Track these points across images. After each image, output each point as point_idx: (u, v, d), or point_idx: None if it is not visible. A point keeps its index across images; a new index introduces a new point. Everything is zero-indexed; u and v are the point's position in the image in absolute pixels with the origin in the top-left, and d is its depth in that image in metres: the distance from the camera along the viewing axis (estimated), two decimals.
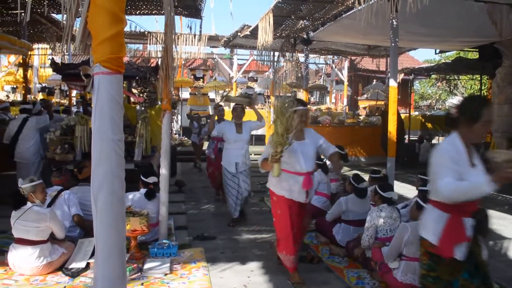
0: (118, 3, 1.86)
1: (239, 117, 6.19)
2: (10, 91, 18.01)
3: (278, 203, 4.09)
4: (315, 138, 4.15)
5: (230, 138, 6.04)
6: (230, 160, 6.01)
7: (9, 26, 11.20)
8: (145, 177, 5.21)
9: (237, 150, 6.00)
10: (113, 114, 1.88)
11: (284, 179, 3.95)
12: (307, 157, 4.00)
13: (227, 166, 6.05)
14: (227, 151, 6.11)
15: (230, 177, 6.02)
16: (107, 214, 1.89)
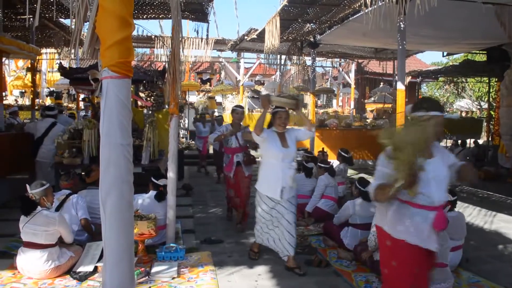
0: (127, 7, 1.86)
1: (284, 125, 4.64)
2: (19, 96, 18.15)
3: (395, 251, 2.84)
4: (445, 155, 2.98)
5: (273, 153, 4.49)
6: (272, 183, 4.47)
7: (18, 31, 11.31)
8: (156, 179, 5.23)
9: (283, 169, 4.47)
10: (121, 118, 1.88)
11: (406, 216, 2.78)
12: (439, 183, 2.81)
13: (266, 192, 4.51)
14: (267, 171, 4.57)
15: (272, 205, 4.51)
16: (116, 218, 1.88)
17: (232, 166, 5.97)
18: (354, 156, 8.18)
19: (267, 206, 4.52)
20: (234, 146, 6.00)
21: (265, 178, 4.57)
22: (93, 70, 1.80)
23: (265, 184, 4.56)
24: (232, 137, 5.98)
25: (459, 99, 25.35)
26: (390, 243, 2.85)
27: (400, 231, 2.77)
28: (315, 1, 7.82)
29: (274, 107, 4.63)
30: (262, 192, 4.57)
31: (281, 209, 4.49)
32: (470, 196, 8.71)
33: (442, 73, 15.32)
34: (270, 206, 4.51)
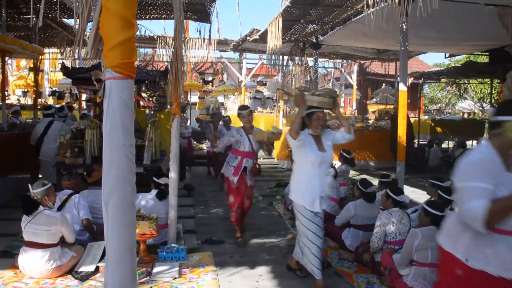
0: (130, 8, 1.86)
1: (321, 127, 4.18)
2: (21, 95, 18.19)
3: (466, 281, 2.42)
4: None
5: (310, 159, 4.02)
6: (309, 193, 4.01)
7: (21, 30, 11.33)
8: (157, 178, 5.27)
9: (321, 177, 4.04)
10: (124, 119, 1.88)
11: (488, 243, 2.33)
12: None
13: (304, 203, 4.04)
14: (302, 179, 4.10)
15: (311, 217, 4.06)
16: (118, 218, 1.89)
17: (239, 171, 5.41)
18: (356, 157, 8.17)
19: (308, 216, 4.04)
20: (246, 149, 5.46)
21: (301, 187, 4.08)
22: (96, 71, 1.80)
23: (300, 193, 4.07)
24: (245, 139, 5.44)
25: (461, 101, 25.29)
26: (462, 273, 2.42)
27: (477, 259, 2.35)
28: (318, 2, 7.82)
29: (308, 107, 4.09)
30: (298, 203, 4.09)
31: (320, 221, 4.07)
32: None
33: (444, 75, 15.31)
34: (310, 217, 4.03)
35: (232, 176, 5.43)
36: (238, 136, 5.45)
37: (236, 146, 5.51)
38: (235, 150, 5.53)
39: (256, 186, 8.80)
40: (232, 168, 5.45)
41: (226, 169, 5.52)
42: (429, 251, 3.70)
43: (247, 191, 5.55)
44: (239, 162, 5.43)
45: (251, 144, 5.47)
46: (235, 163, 5.44)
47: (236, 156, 5.50)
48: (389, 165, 10.88)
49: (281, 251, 5.13)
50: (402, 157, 6.06)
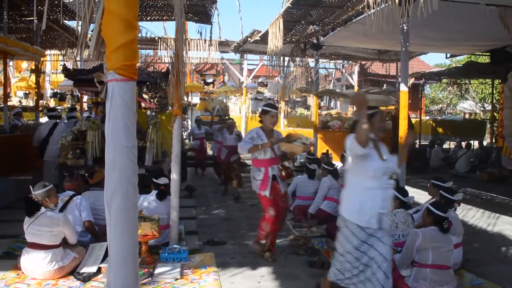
0: (132, 10, 1.87)
1: (382, 130, 3.63)
2: (23, 97, 18.23)
3: None
4: None
5: (373, 169, 3.42)
6: (367, 209, 3.39)
7: (22, 32, 11.37)
8: (156, 178, 5.28)
9: (382, 189, 3.45)
10: (126, 121, 1.89)
11: None
12: None
13: (358, 220, 3.41)
14: (359, 193, 3.47)
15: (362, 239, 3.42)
16: (121, 220, 1.90)
17: (267, 182, 4.75)
18: None
19: (357, 239, 3.41)
20: (268, 156, 4.77)
21: (356, 201, 3.43)
22: (99, 73, 1.81)
23: (355, 209, 3.43)
24: None
25: (462, 101, 25.28)
26: None
27: None
28: (318, 3, 7.82)
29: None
30: (351, 220, 3.44)
31: (375, 242, 3.42)
32: (474, 198, 8.69)
33: (445, 75, 15.30)
34: (361, 239, 3.40)
35: (261, 190, 4.79)
36: (259, 140, 4.73)
37: (255, 154, 4.80)
38: (256, 161, 4.84)
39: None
40: (259, 182, 4.79)
41: (254, 185, 4.88)
42: (430, 252, 3.70)
43: (281, 201, 4.92)
44: (265, 174, 4.76)
45: (273, 148, 4.79)
46: (261, 176, 4.78)
47: (259, 168, 4.81)
48: None
49: (282, 252, 5.12)
50: (404, 158, 6.04)
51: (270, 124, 4.83)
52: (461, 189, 9.08)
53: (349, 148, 3.36)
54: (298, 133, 5.02)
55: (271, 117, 4.82)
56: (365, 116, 3.24)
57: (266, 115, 4.84)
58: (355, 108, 3.53)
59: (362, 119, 3.22)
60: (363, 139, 3.20)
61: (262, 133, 4.80)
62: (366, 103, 3.34)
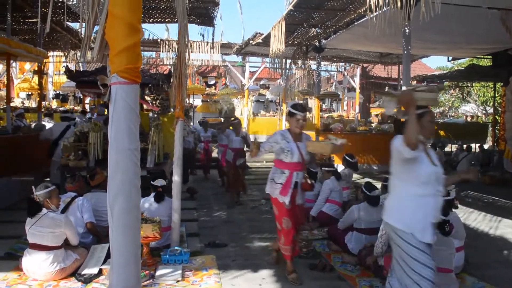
0: (135, 14, 1.89)
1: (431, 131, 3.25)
2: (25, 98, 18.29)
3: None
4: None
5: (425, 174, 3.09)
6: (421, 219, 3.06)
7: (25, 34, 11.41)
8: (153, 180, 5.28)
9: (435, 197, 3.12)
10: (129, 123, 1.90)
11: None
12: None
13: (414, 231, 3.03)
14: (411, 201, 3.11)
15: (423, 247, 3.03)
16: (123, 221, 1.91)
17: (288, 188, 4.31)
18: (359, 160, 8.16)
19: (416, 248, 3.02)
20: (295, 160, 4.32)
21: (408, 210, 3.10)
22: (102, 76, 1.83)
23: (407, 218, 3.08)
24: (293, 147, 4.33)
25: (464, 104, 25.29)
26: None
27: None
28: (321, 6, 7.84)
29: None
30: (406, 230, 3.06)
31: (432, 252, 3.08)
32: (475, 201, 8.68)
33: (447, 78, 15.31)
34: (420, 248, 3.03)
35: (280, 196, 4.33)
36: (284, 143, 4.33)
37: (280, 155, 4.37)
38: (280, 162, 4.41)
39: (260, 189, 8.82)
40: (279, 186, 4.34)
41: (272, 188, 4.41)
42: None
43: (299, 213, 4.48)
44: (288, 178, 4.33)
45: (301, 152, 4.35)
46: (282, 179, 4.34)
47: (282, 170, 4.38)
48: None
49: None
50: None
51: (296, 128, 4.36)
52: (463, 192, 9.07)
53: (397, 151, 3.06)
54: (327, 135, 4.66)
55: (296, 121, 4.33)
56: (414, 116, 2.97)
57: (291, 118, 4.39)
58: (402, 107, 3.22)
59: (411, 119, 2.96)
60: (412, 141, 2.91)
61: (288, 135, 4.37)
62: (414, 102, 3.08)
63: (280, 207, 4.38)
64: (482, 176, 11.11)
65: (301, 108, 4.41)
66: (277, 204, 4.40)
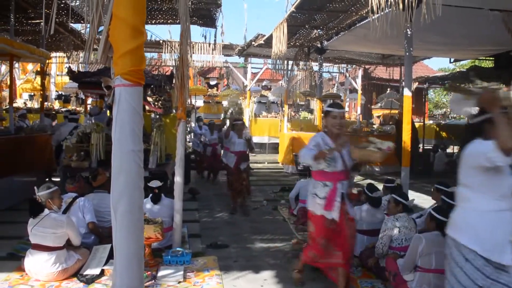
0: (139, 16, 1.90)
1: None
2: (28, 99, 18.33)
3: None
4: None
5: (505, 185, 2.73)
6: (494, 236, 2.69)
7: (28, 35, 11.45)
8: (148, 182, 5.29)
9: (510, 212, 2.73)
10: (133, 125, 1.91)
11: None
12: None
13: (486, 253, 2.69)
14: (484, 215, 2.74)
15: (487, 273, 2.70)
16: (127, 223, 1.92)
17: (334, 202, 3.75)
18: None
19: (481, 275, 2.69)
20: (338, 168, 3.78)
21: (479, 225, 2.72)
22: (106, 78, 1.85)
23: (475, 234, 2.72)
24: (336, 155, 3.75)
25: None
26: None
27: None
28: (323, 7, 7.85)
29: None
30: (470, 247, 2.73)
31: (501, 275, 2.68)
32: None
33: (449, 79, 15.27)
34: (485, 274, 2.68)
35: (326, 211, 3.77)
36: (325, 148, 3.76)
37: (320, 165, 3.80)
38: (320, 173, 3.85)
39: (261, 191, 8.83)
40: (323, 200, 3.79)
41: (314, 204, 3.86)
42: (433, 256, 3.69)
43: (350, 227, 3.87)
44: (332, 190, 3.77)
45: (343, 159, 3.82)
46: (325, 193, 3.79)
47: (325, 182, 3.81)
48: (393, 170, 10.86)
49: (285, 255, 5.13)
50: (407, 162, 6.06)
51: (334, 128, 3.82)
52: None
53: (483, 158, 2.60)
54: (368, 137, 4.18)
55: (333, 118, 3.83)
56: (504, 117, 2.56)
57: (327, 116, 3.90)
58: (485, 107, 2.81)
59: (502, 121, 2.54)
60: (509, 145, 2.47)
61: (327, 139, 3.84)
62: (499, 101, 2.69)
63: (319, 225, 3.81)
64: None
65: (337, 105, 3.98)
66: (317, 222, 3.84)
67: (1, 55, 8.22)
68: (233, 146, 7.38)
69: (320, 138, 3.88)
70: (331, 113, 3.86)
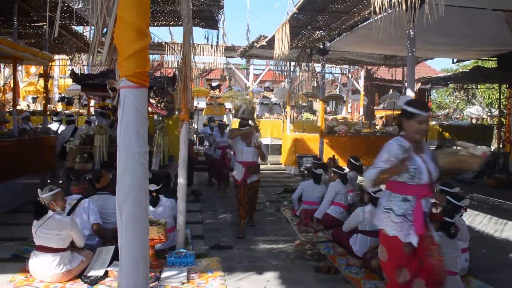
0: (144, 19, 1.91)
1: None
2: (31, 101, 18.39)
3: None
4: None
5: None
6: None
7: (31, 38, 11.49)
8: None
9: None
10: (138, 127, 1.92)
11: None
12: None
13: None
14: None
15: None
16: (132, 224, 1.92)
17: (422, 222, 3.03)
18: (363, 163, 8.15)
19: None
20: (423, 181, 3.08)
21: None
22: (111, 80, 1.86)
23: None
24: (419, 163, 3.08)
25: (469, 106, 25.17)
26: None
27: None
28: (325, 8, 7.86)
29: None
30: None
31: None
32: (481, 203, 8.65)
33: (452, 80, 15.26)
34: None
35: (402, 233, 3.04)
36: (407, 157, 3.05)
37: (400, 176, 3.11)
38: (398, 185, 3.12)
39: (264, 192, 8.82)
40: (400, 218, 3.06)
41: (389, 222, 3.11)
42: None
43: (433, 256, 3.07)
44: (416, 208, 3.04)
45: (429, 170, 3.12)
46: (404, 210, 3.07)
47: (405, 196, 3.09)
48: None
49: (288, 256, 5.13)
50: None
51: (417, 134, 3.12)
52: (468, 194, 9.03)
53: None
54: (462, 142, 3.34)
55: (418, 124, 3.08)
56: None
57: (410, 120, 3.12)
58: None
59: None
60: None
61: (410, 146, 3.11)
62: None
63: (395, 250, 3.07)
64: (487, 178, 11.07)
65: (423, 106, 3.15)
66: (390, 246, 3.10)
67: (5, 58, 8.27)
68: (240, 156, 6.15)
69: (399, 146, 3.07)
70: (416, 117, 3.07)
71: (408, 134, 3.14)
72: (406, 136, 3.15)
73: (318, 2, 7.47)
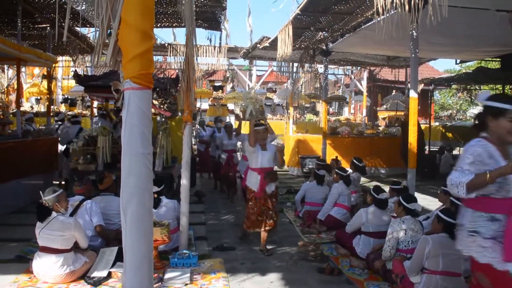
0: (148, 21, 1.92)
1: None
2: (34, 102, 18.45)
3: None
4: None
5: None
6: None
7: (35, 39, 11.54)
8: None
9: None
10: (142, 128, 1.93)
11: None
12: None
13: None
14: None
15: None
16: (136, 225, 1.93)
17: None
18: (366, 164, 8.15)
19: None
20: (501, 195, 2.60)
21: None
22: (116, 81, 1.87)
23: None
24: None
25: (472, 107, 25.12)
26: None
27: None
28: (328, 9, 7.86)
29: None
30: None
31: None
32: None
33: (455, 81, 15.23)
34: None
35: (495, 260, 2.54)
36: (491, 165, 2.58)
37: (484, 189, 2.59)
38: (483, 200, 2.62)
39: None
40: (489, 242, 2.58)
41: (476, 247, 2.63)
42: (440, 258, 3.68)
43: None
44: (508, 227, 2.52)
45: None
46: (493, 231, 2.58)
47: (492, 215, 2.60)
48: (400, 172, 10.84)
49: (291, 257, 5.13)
50: (413, 164, 6.04)
51: (509, 135, 2.62)
52: None
53: None
54: None
55: (509, 121, 2.59)
56: None
57: (499, 118, 2.63)
58: None
59: None
60: None
61: (493, 149, 2.63)
62: None
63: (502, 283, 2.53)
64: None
65: None
66: (495, 279, 2.55)
67: (9, 59, 8.30)
68: (255, 162, 5.34)
69: (485, 151, 2.61)
70: (508, 113, 2.58)
71: (494, 136, 2.66)
72: (491, 138, 2.67)
73: (321, 3, 7.47)
